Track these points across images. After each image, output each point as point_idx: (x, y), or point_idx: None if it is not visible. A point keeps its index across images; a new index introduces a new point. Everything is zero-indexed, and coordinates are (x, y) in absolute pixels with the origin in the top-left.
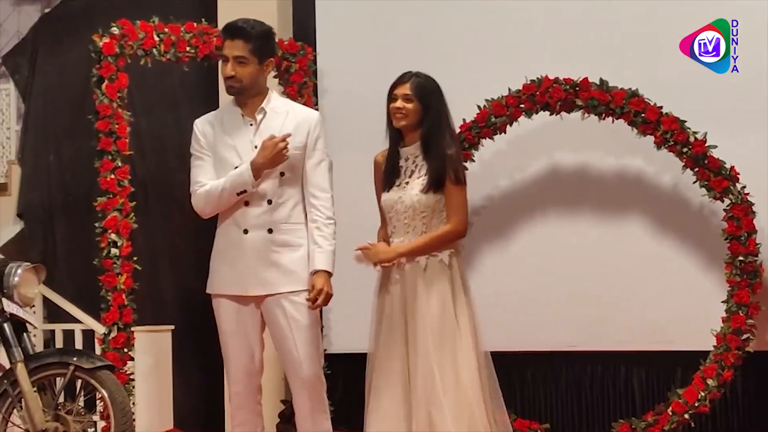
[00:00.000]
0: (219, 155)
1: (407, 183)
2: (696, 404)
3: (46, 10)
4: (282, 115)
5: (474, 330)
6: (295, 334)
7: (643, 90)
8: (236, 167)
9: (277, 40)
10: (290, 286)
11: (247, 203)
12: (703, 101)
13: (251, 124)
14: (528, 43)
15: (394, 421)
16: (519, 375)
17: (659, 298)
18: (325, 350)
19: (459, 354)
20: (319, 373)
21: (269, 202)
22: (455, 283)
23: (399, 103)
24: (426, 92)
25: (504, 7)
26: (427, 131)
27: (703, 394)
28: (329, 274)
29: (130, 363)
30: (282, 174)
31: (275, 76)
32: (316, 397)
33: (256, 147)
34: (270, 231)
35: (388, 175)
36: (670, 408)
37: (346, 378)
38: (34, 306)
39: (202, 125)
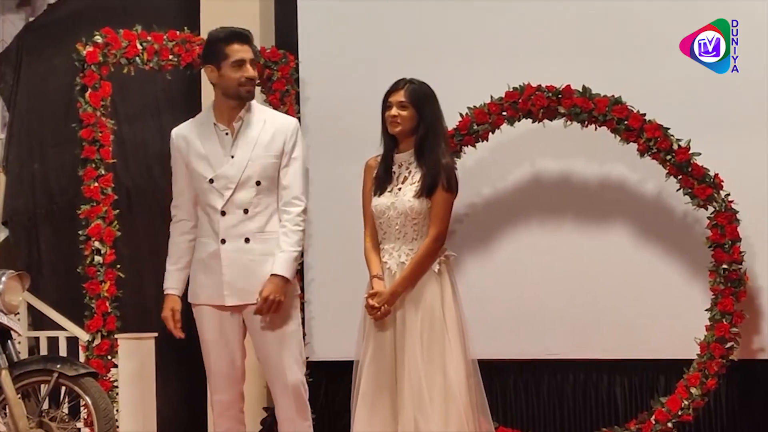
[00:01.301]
0: (191, 167)
1: (399, 189)
2: (679, 413)
3: (31, 19)
4: (259, 123)
5: (463, 337)
6: (278, 342)
7: (628, 96)
8: (209, 179)
9: (259, 48)
10: None
11: (223, 213)
12: (688, 108)
13: (226, 134)
14: (510, 51)
15: (380, 427)
16: (501, 382)
17: (642, 306)
18: (307, 358)
19: (447, 361)
20: (302, 379)
21: (245, 211)
22: (444, 289)
23: (394, 111)
24: (421, 99)
25: (486, 15)
26: (421, 138)
27: (686, 402)
28: (284, 279)
29: (113, 370)
30: (258, 183)
31: (257, 84)
32: (299, 404)
33: (232, 157)
34: (247, 240)
35: (381, 180)
36: (654, 417)
37: (328, 386)
38: (18, 313)
39: (176, 136)
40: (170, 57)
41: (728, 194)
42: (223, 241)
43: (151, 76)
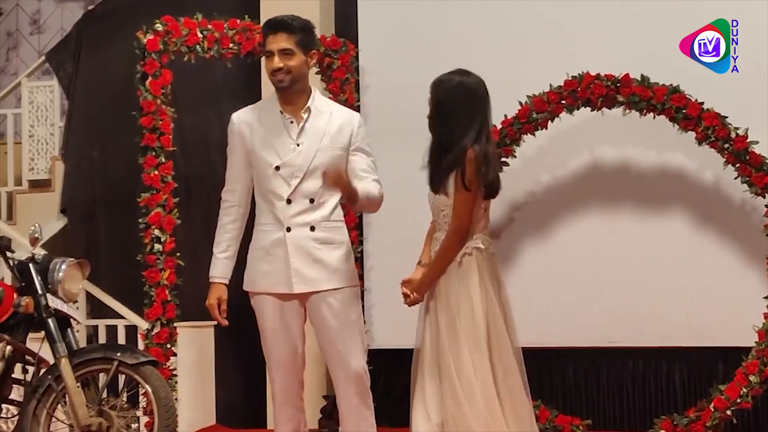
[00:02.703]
0: (256, 153)
1: None
2: (738, 400)
3: (90, 7)
4: (326, 114)
5: (488, 329)
6: (341, 330)
7: (685, 86)
8: (276, 167)
9: (319, 36)
10: (334, 284)
11: (289, 201)
12: (744, 97)
13: (291, 122)
14: (569, 39)
15: (436, 410)
16: (560, 371)
17: (701, 294)
18: (367, 346)
19: (455, 358)
20: (365, 367)
21: (311, 200)
22: (467, 283)
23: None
24: (438, 91)
25: (545, 4)
26: (437, 131)
27: (745, 390)
28: (353, 188)
29: (172, 359)
30: (324, 173)
31: (317, 72)
32: (361, 392)
33: (298, 146)
34: (312, 229)
35: (430, 170)
36: (712, 404)
37: (388, 374)
38: (77, 302)
39: (238, 122)
40: (231, 45)
41: None
42: (289, 229)
43: (211, 65)
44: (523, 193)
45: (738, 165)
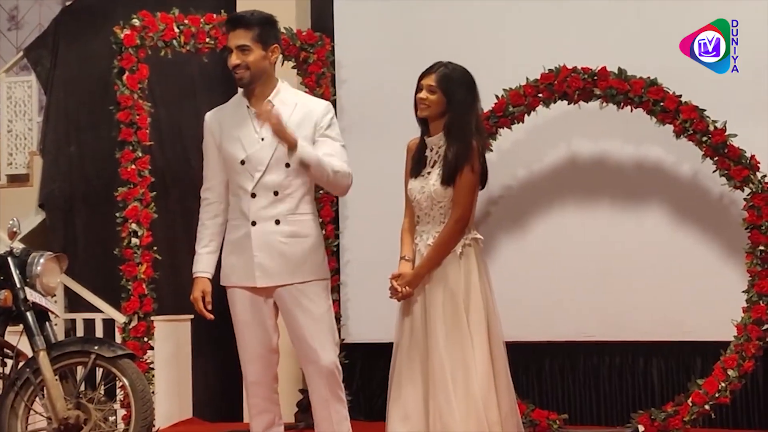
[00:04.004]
0: (225, 150)
1: (429, 173)
2: (716, 395)
3: (67, 3)
4: (290, 106)
5: (488, 320)
6: (310, 323)
7: (662, 80)
8: (241, 161)
9: (295, 31)
10: (300, 277)
11: (254, 195)
12: (719, 91)
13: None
14: (546, 33)
15: (414, 410)
16: (537, 365)
17: (679, 288)
18: (343, 340)
19: (467, 347)
20: (335, 360)
21: (275, 193)
22: (469, 272)
23: (423, 94)
24: (451, 83)
25: None
26: (449, 122)
27: (723, 384)
28: (296, 144)
29: (150, 352)
30: (288, 165)
31: (293, 67)
32: (332, 385)
33: (262, 139)
34: (277, 222)
35: (416, 163)
36: (690, 399)
37: (364, 367)
38: (55, 295)
39: (209, 120)
40: (207, 40)
41: (765, 175)
42: (254, 223)
43: (187, 59)
44: (499, 186)
45: (716, 158)
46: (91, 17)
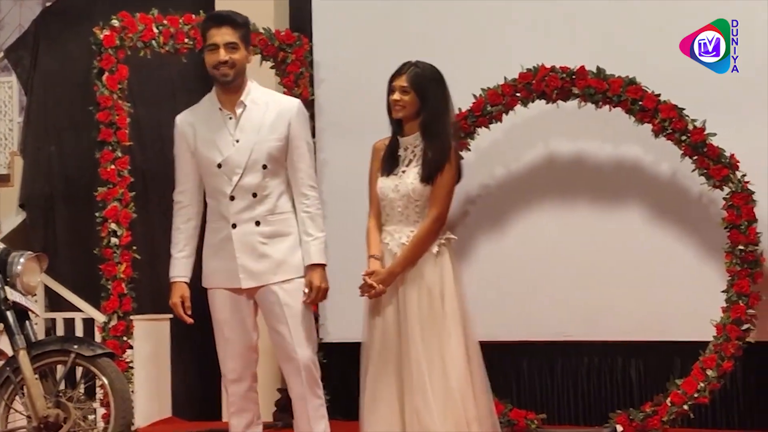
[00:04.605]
0: (200, 153)
1: (404, 172)
2: (695, 395)
3: (48, 4)
4: (262, 106)
5: (463, 319)
6: (289, 320)
7: (641, 79)
8: (218, 164)
9: (273, 31)
10: (282, 276)
11: (232, 198)
12: (702, 90)
13: (230, 118)
14: (524, 32)
15: (388, 410)
16: (515, 365)
17: (658, 288)
18: (321, 339)
19: (445, 344)
20: (313, 357)
21: (254, 195)
22: (444, 271)
23: (396, 96)
24: (424, 83)
25: None
26: (425, 122)
27: (702, 384)
28: (323, 266)
29: (129, 351)
30: (264, 167)
31: (272, 67)
32: (310, 382)
33: (237, 141)
34: (257, 224)
35: (387, 162)
36: (669, 399)
37: (342, 367)
38: (36, 294)
39: (181, 123)
40: (186, 40)
41: (744, 175)
42: (234, 226)
43: (167, 60)
44: (477, 186)
45: (695, 157)
46: (71, 18)
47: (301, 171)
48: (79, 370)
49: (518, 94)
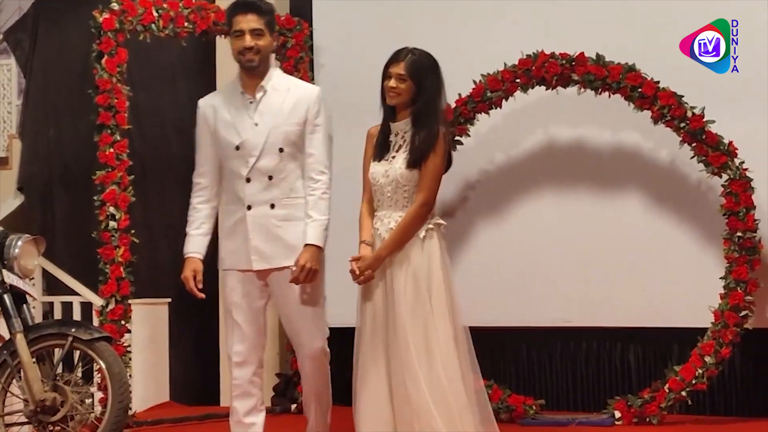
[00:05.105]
0: (219, 135)
1: (394, 157)
2: (693, 382)
3: None
4: (283, 92)
5: (450, 304)
6: (301, 307)
7: (641, 67)
8: (236, 146)
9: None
10: (293, 260)
11: (248, 180)
12: (701, 78)
13: (251, 102)
14: (524, 18)
15: (379, 396)
16: (514, 351)
17: (656, 275)
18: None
19: (431, 329)
20: (323, 345)
21: (270, 178)
22: (431, 256)
23: (392, 83)
24: (420, 71)
25: None
26: (418, 109)
27: (700, 371)
28: (318, 248)
29: (127, 335)
30: (281, 150)
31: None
32: (319, 370)
33: (256, 125)
34: (272, 206)
35: (379, 147)
36: (667, 385)
37: (339, 352)
38: (33, 278)
39: (203, 106)
40: (186, 24)
41: (742, 162)
42: (249, 207)
43: (166, 44)
44: (477, 171)
45: (694, 144)
46: (71, 1)
47: (312, 156)
48: (76, 354)
49: (518, 80)
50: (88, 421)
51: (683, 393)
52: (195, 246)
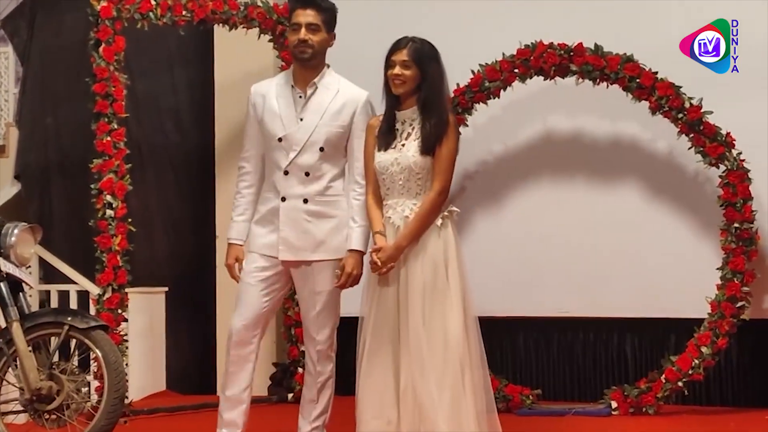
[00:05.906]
0: (264, 124)
1: (403, 145)
2: (690, 372)
3: None
4: (332, 92)
5: (463, 292)
6: (316, 300)
7: (639, 57)
8: (279, 138)
9: (272, 4)
10: (319, 255)
11: (286, 173)
12: (699, 70)
13: (300, 97)
14: (522, 8)
15: (383, 384)
16: (511, 340)
17: (653, 265)
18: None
19: (448, 316)
20: (330, 338)
21: (306, 174)
22: (447, 244)
23: (397, 70)
24: (424, 58)
25: None
26: (425, 96)
27: (697, 361)
28: (361, 253)
29: (123, 324)
30: (321, 149)
31: (270, 41)
32: (323, 359)
33: (301, 120)
34: (305, 201)
35: (384, 136)
36: (664, 375)
37: (341, 342)
38: (30, 266)
39: (254, 92)
40: (184, 12)
41: (740, 153)
42: (284, 199)
43: (164, 32)
44: (475, 162)
45: (692, 135)
46: None
47: (359, 161)
48: (73, 343)
49: (516, 71)
50: (84, 409)
51: (680, 383)
52: (237, 232)
